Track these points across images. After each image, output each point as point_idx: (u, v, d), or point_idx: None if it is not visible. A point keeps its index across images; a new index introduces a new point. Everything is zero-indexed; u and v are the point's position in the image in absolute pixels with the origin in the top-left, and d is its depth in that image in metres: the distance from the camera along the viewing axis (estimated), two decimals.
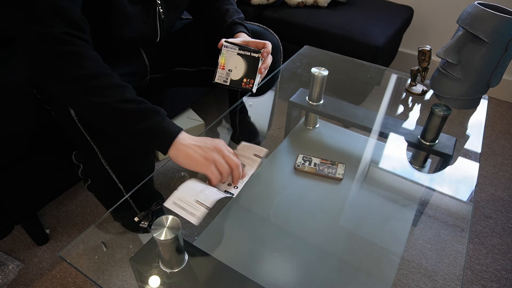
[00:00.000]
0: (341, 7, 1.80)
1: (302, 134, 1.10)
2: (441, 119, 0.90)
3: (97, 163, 0.81)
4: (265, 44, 0.86)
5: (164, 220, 0.59)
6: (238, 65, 0.82)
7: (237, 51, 0.82)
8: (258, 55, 0.80)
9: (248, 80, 0.82)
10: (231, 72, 0.82)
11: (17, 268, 1.11)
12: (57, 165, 1.08)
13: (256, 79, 0.82)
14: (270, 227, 0.82)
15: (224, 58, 0.83)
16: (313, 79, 1.05)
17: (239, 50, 0.81)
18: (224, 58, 0.82)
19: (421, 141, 0.97)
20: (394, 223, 0.84)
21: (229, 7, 1.01)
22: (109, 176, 0.83)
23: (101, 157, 0.80)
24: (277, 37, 1.12)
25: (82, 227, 1.25)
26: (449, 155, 0.94)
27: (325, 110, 1.09)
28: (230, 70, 0.82)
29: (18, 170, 0.98)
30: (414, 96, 1.17)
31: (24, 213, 1.06)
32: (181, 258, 0.65)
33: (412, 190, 0.91)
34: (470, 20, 0.93)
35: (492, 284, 1.13)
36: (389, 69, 1.38)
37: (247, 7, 1.77)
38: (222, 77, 0.83)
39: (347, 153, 1.02)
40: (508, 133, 1.77)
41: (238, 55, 0.82)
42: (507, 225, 1.31)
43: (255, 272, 0.72)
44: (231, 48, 0.82)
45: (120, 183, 0.86)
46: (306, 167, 0.93)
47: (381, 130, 1.05)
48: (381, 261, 0.77)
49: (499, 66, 0.96)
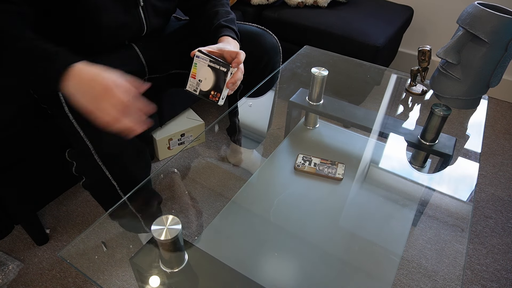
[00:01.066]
0: (341, 7, 1.80)
1: (302, 134, 1.10)
2: (441, 119, 0.91)
3: (91, 161, 0.81)
4: (237, 54, 0.85)
5: (164, 220, 0.59)
6: (208, 76, 0.83)
7: (207, 63, 0.83)
8: (226, 70, 0.81)
9: (215, 93, 0.84)
10: (201, 83, 0.84)
11: (17, 268, 1.11)
12: (57, 165, 1.08)
13: (223, 93, 0.83)
14: (270, 227, 0.82)
15: (195, 68, 0.84)
16: (313, 79, 1.05)
17: (209, 62, 0.83)
18: (196, 68, 0.84)
19: (421, 141, 0.97)
20: (394, 223, 0.84)
21: (219, 9, 1.00)
22: (103, 174, 0.83)
23: (94, 154, 0.80)
24: (276, 38, 1.12)
25: (82, 227, 1.25)
26: (449, 155, 0.94)
27: (325, 110, 1.09)
28: (200, 81, 0.84)
29: (18, 170, 0.98)
30: (414, 96, 1.17)
31: (24, 213, 1.06)
32: (181, 258, 0.65)
33: (412, 190, 0.91)
34: (470, 20, 0.93)
35: (492, 284, 1.13)
36: (389, 69, 1.38)
37: (247, 7, 1.77)
38: (193, 86, 0.85)
39: (347, 153, 1.02)
40: (508, 133, 1.77)
41: (208, 66, 0.83)
42: (507, 225, 1.31)
43: (255, 272, 0.72)
44: (202, 59, 0.83)
45: (114, 180, 0.85)
46: (306, 167, 0.93)
47: (381, 130, 1.05)
48: (381, 261, 0.77)
49: (499, 66, 0.96)
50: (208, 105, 1.81)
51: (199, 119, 1.53)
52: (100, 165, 0.81)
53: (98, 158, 0.80)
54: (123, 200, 0.77)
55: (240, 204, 0.88)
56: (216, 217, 0.85)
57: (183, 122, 1.50)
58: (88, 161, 0.81)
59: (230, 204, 0.88)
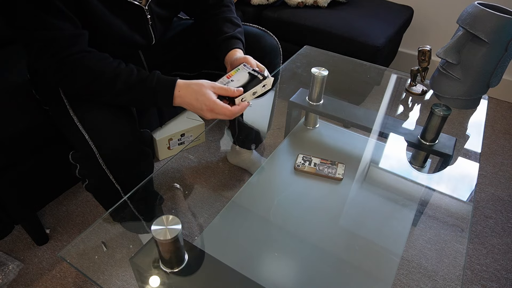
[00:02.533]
0: (341, 7, 1.80)
1: (302, 134, 1.10)
2: (441, 119, 0.91)
3: (95, 163, 0.81)
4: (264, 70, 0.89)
5: (164, 220, 0.59)
6: (242, 79, 0.86)
7: (249, 70, 0.87)
8: (263, 77, 0.84)
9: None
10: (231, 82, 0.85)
11: (17, 268, 1.11)
12: (57, 165, 1.08)
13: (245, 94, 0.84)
14: (270, 227, 0.82)
15: (236, 72, 0.87)
16: (313, 79, 1.05)
17: (252, 70, 0.87)
18: (236, 72, 0.87)
19: (421, 141, 0.97)
20: (394, 223, 0.84)
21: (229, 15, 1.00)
22: (107, 177, 0.83)
23: (98, 157, 0.80)
24: (276, 39, 1.12)
25: (82, 227, 1.25)
26: (449, 155, 0.94)
27: (325, 110, 1.09)
28: (232, 80, 0.85)
29: (18, 170, 0.98)
30: (414, 96, 1.17)
31: (24, 213, 1.06)
32: (181, 258, 0.65)
33: (412, 190, 0.91)
34: (470, 20, 0.93)
35: (492, 284, 1.13)
36: (389, 69, 1.38)
37: (247, 7, 1.77)
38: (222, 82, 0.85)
39: (347, 153, 1.02)
40: (508, 133, 1.77)
41: (248, 73, 0.87)
42: (507, 225, 1.31)
43: (255, 272, 0.72)
44: (246, 67, 0.87)
45: (118, 184, 0.86)
46: (306, 167, 0.93)
47: (381, 130, 1.05)
48: (381, 261, 0.77)
49: (499, 66, 0.96)
50: None
51: (199, 119, 1.53)
52: (104, 168, 0.81)
53: (102, 161, 0.80)
54: (123, 200, 0.77)
55: (240, 204, 0.88)
56: (216, 217, 0.85)
57: (183, 122, 1.50)
58: (92, 164, 0.81)
59: (230, 204, 0.88)
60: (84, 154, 0.81)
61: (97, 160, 0.80)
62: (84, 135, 0.79)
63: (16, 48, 1.23)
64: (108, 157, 0.81)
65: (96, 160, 0.80)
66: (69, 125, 0.81)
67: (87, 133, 0.79)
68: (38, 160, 1.02)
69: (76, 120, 0.79)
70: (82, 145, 0.80)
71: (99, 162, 0.80)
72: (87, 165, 0.85)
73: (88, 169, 0.86)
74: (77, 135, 0.80)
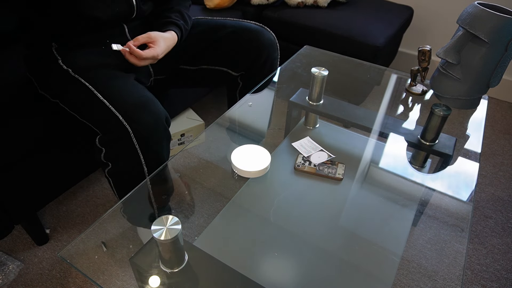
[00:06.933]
0: (341, 7, 1.80)
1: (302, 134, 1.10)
2: (441, 119, 0.91)
3: (127, 143, 0.81)
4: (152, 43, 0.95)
5: (164, 220, 0.59)
6: None
7: None
8: None
9: None
10: None
11: (17, 268, 1.11)
12: (57, 165, 1.08)
13: None
14: (270, 227, 0.82)
15: None
16: (313, 79, 1.05)
17: None
18: None
19: (421, 141, 0.97)
20: (394, 223, 0.84)
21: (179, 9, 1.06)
22: (138, 158, 0.84)
23: (133, 137, 0.80)
24: (273, 35, 1.13)
25: (82, 227, 1.25)
26: (449, 155, 0.94)
27: (325, 110, 1.09)
28: None
29: (18, 169, 0.98)
30: (414, 96, 1.17)
31: (24, 213, 1.06)
32: (181, 258, 0.65)
33: (412, 190, 0.91)
34: (470, 20, 0.93)
35: (492, 284, 1.13)
36: (389, 69, 1.38)
37: (247, 7, 1.77)
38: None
39: (347, 153, 1.02)
40: (508, 133, 1.77)
41: None
42: (507, 225, 1.31)
43: (255, 272, 0.72)
44: None
45: (146, 165, 0.86)
46: (306, 167, 0.93)
47: (381, 130, 1.05)
48: (381, 261, 0.77)
49: (499, 66, 0.96)
50: (208, 105, 1.81)
51: (199, 119, 1.53)
52: (137, 148, 0.82)
53: (136, 141, 0.81)
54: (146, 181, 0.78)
55: (240, 204, 0.88)
56: (216, 217, 0.85)
57: (183, 122, 1.50)
58: (125, 145, 0.82)
59: (230, 204, 0.88)
60: (116, 136, 0.82)
61: (130, 140, 0.81)
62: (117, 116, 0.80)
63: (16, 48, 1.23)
64: (141, 135, 0.81)
65: (131, 140, 0.81)
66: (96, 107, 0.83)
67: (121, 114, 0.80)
68: (39, 159, 1.02)
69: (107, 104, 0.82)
70: (114, 125, 0.81)
71: (132, 142, 0.81)
72: (117, 146, 0.85)
73: (119, 150, 0.86)
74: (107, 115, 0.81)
